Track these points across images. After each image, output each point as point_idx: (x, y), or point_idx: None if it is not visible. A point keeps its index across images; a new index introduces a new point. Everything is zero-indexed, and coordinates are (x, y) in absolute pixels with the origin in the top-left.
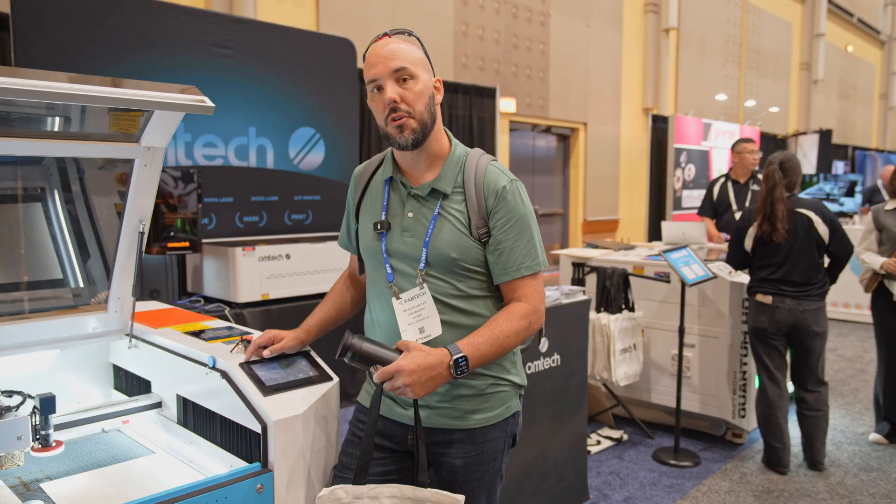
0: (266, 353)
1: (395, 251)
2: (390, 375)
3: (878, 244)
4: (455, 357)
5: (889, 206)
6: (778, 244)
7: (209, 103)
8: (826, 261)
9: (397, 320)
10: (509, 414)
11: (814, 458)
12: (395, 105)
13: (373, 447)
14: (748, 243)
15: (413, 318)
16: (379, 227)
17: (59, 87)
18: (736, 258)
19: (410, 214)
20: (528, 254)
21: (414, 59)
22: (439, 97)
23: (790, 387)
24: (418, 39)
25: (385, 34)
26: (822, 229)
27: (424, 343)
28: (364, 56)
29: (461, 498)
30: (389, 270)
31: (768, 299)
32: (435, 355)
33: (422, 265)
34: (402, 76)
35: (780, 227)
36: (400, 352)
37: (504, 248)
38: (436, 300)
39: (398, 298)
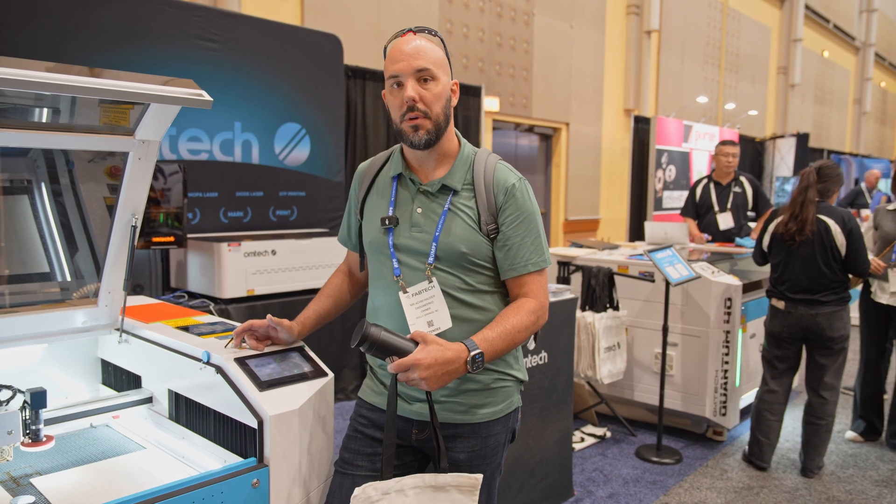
0: (265, 343)
1: (402, 246)
2: (407, 368)
3: (873, 243)
4: (473, 353)
5: (891, 206)
6: (791, 246)
7: (207, 97)
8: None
9: (405, 314)
10: (511, 409)
11: (804, 464)
12: (414, 104)
13: (395, 441)
14: (765, 240)
15: (421, 312)
16: (387, 222)
17: (57, 79)
18: (756, 254)
19: (419, 210)
20: (535, 250)
21: (436, 60)
22: (455, 100)
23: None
24: (442, 41)
25: (410, 30)
26: (840, 240)
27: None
28: (385, 50)
29: (479, 476)
30: (396, 265)
31: (781, 304)
32: (452, 350)
33: (431, 259)
34: (423, 76)
35: (808, 230)
36: (416, 343)
37: (512, 244)
38: (444, 294)
39: (405, 293)
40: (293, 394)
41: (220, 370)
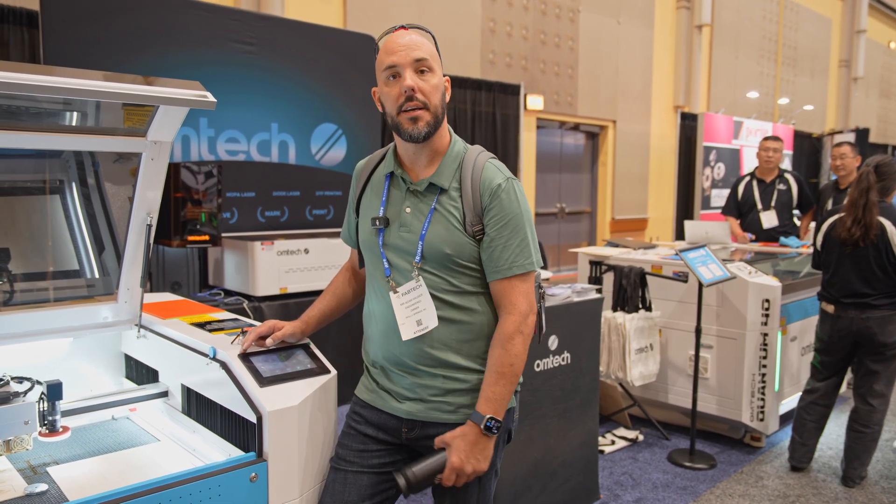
0: (269, 342)
1: (392, 246)
2: (453, 478)
3: None
4: (483, 423)
5: None
6: (844, 247)
7: (211, 98)
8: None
9: (395, 315)
10: None
11: (845, 472)
12: (413, 94)
13: None
14: (818, 240)
15: (410, 311)
16: (377, 222)
17: (63, 83)
18: (814, 258)
19: (408, 210)
20: (520, 253)
21: (432, 53)
22: (447, 96)
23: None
24: (432, 36)
25: (402, 27)
26: None
27: (422, 335)
28: (377, 45)
29: None
30: (387, 265)
31: (831, 308)
32: (470, 433)
33: (417, 258)
34: (421, 67)
35: (873, 235)
36: (443, 450)
37: (496, 245)
38: (430, 296)
39: (395, 293)
40: (293, 390)
41: (224, 366)
